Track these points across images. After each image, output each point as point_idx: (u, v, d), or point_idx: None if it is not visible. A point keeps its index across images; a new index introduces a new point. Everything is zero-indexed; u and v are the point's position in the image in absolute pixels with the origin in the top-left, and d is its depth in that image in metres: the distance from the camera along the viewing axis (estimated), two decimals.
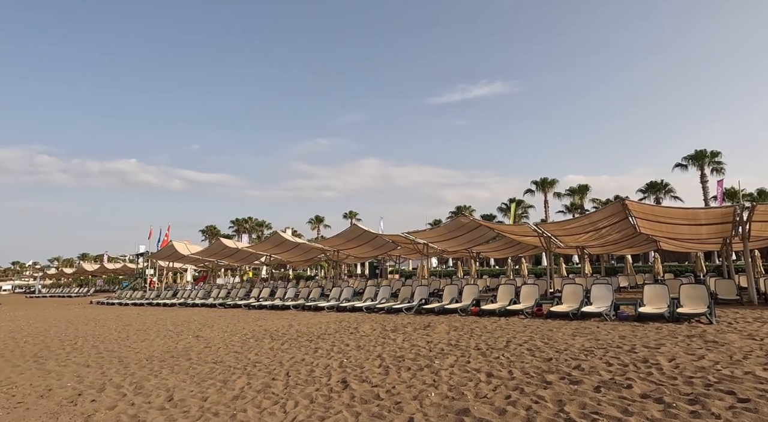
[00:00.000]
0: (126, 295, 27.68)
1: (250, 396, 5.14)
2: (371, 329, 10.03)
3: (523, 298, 12.56)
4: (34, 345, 10.14)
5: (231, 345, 8.85)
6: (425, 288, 14.88)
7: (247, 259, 29.51)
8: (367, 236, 20.93)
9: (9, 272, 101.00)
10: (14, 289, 66.26)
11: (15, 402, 5.46)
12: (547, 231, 15.77)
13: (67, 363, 7.76)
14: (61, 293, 42.37)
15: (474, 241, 20.54)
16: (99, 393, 5.64)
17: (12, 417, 4.90)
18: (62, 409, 5.07)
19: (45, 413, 4.97)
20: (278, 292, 19.52)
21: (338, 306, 14.98)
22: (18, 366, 7.81)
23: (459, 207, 53.82)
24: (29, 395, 5.77)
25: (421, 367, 6.05)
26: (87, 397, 5.49)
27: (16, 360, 8.34)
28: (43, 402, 5.42)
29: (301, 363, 6.80)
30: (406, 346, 7.69)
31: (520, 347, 7.11)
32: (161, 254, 29.92)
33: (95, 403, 5.23)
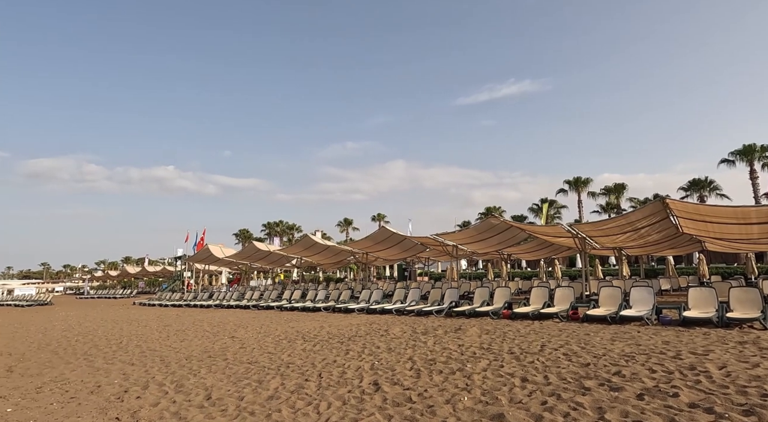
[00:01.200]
0: (165, 296, 28.84)
1: (285, 397, 5.24)
2: (401, 331, 10.02)
3: (557, 301, 12.21)
4: (84, 344, 10.73)
5: (265, 345, 9.06)
6: (455, 291, 14.72)
7: (278, 262, 30.12)
8: (395, 238, 20.94)
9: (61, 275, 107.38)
10: (65, 290, 70.32)
11: (68, 397, 5.80)
12: (582, 232, 15.28)
13: (114, 361, 8.17)
14: (107, 294, 44.61)
15: (505, 243, 20.16)
16: (143, 391, 5.91)
17: (66, 411, 5.21)
18: (110, 405, 5.35)
19: (95, 408, 5.25)
20: (309, 294, 19.82)
21: (368, 308, 15.05)
22: (70, 363, 8.29)
23: (488, 208, 52.97)
24: (80, 390, 6.11)
25: (453, 371, 5.99)
26: (132, 394, 5.77)
27: (68, 358, 8.86)
28: (93, 397, 5.73)
29: (332, 364, 6.88)
30: (437, 349, 7.63)
31: (555, 351, 6.91)
32: (197, 257, 31.00)
33: (140, 400, 5.48)
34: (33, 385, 6.61)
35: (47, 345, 10.94)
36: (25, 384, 6.75)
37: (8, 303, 36.88)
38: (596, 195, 46.74)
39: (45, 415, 5.10)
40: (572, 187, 47.41)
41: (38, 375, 7.38)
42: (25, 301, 36.65)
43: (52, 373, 7.43)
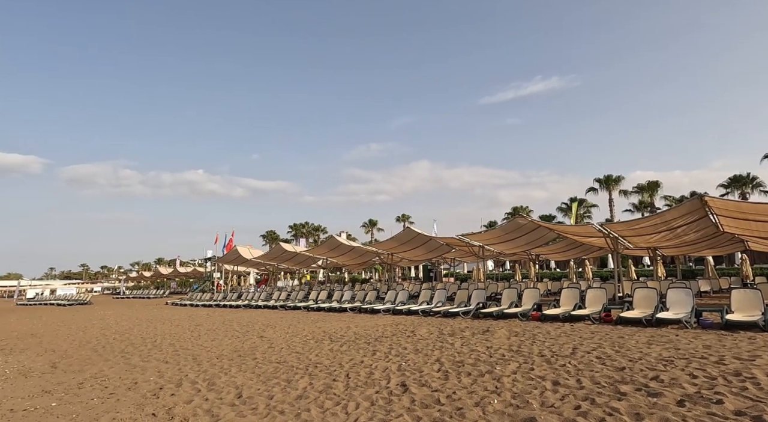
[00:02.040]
0: (196, 297, 29.69)
1: (313, 396, 5.28)
2: (428, 332, 9.95)
3: (588, 303, 11.85)
4: (121, 342, 11.16)
5: (293, 345, 9.17)
6: (482, 292, 14.51)
7: (304, 262, 30.53)
8: (420, 239, 20.83)
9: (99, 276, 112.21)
10: (103, 290, 73.48)
11: (108, 393, 6.03)
12: (614, 232, 14.78)
13: (149, 359, 8.46)
14: (142, 294, 46.33)
15: (533, 243, 19.73)
16: (177, 388, 6.08)
17: (106, 406, 5.42)
18: (147, 401, 5.53)
19: (133, 404, 5.44)
20: (335, 295, 19.98)
21: (394, 309, 15.03)
22: (108, 360, 8.63)
23: (515, 208, 52.04)
24: (119, 387, 6.35)
25: (482, 373, 5.90)
26: (167, 391, 5.94)
27: (107, 355, 9.23)
28: (130, 394, 5.94)
29: (360, 365, 6.89)
30: (465, 351, 7.53)
31: (588, 354, 6.70)
32: (226, 258, 31.79)
33: (174, 397, 5.64)
34: (75, 381, 6.92)
35: (87, 342, 11.44)
36: (68, 379, 7.07)
37: (51, 302, 38.83)
38: (628, 194, 45.20)
39: (86, 410, 5.32)
40: (603, 185, 45.99)
41: (80, 371, 7.72)
42: (67, 300, 38.51)
43: (93, 370, 7.75)
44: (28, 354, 10.10)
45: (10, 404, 5.76)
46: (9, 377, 7.54)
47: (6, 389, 6.63)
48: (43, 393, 6.27)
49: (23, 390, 6.52)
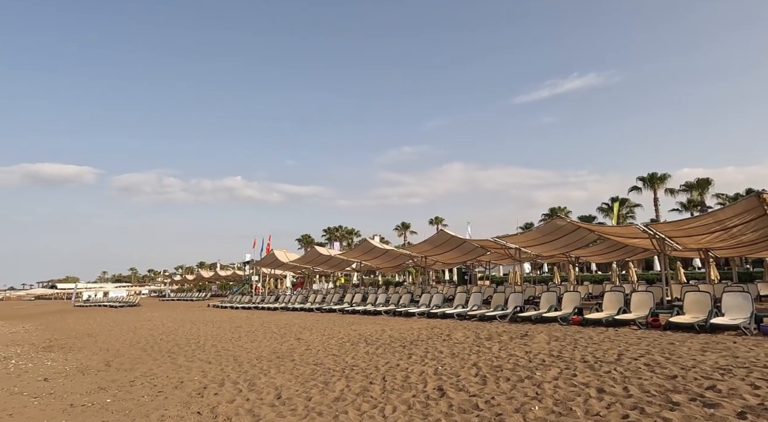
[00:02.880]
0: (236, 299, 30.66)
1: (350, 399, 5.32)
2: (464, 336, 9.81)
3: (634, 307, 11.29)
4: (167, 342, 11.69)
5: (329, 348, 9.29)
6: (519, 295, 14.15)
7: (339, 266, 30.89)
8: (454, 241, 20.60)
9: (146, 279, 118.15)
10: (150, 293, 77.32)
11: (156, 391, 6.34)
12: (661, 232, 14.03)
13: (194, 359, 8.81)
14: (185, 297, 48.37)
15: (572, 245, 19.05)
16: (220, 388, 6.30)
17: (155, 404, 5.70)
18: (192, 400, 5.76)
19: (179, 402, 5.68)
20: (369, 298, 20.07)
21: (428, 312, 14.92)
22: (157, 359, 9.06)
23: (553, 209, 50.47)
24: (166, 385, 6.65)
25: (521, 378, 5.74)
26: (211, 390, 6.17)
27: (155, 355, 9.70)
28: (177, 392, 6.21)
29: (396, 368, 6.89)
30: (503, 355, 7.36)
31: (635, 361, 6.38)
32: (264, 261, 32.67)
33: (217, 396, 5.84)
34: (127, 379, 7.31)
35: (137, 342, 12.06)
36: (121, 377, 7.48)
37: (104, 304, 41.25)
38: (676, 192, 42.80)
39: (138, 407, 5.60)
40: (647, 184, 43.80)
41: (131, 369, 8.15)
42: (118, 302, 40.78)
43: (142, 368, 8.16)
44: (85, 352, 10.78)
45: (71, 399, 6.16)
46: (69, 374, 8.07)
47: (66, 385, 7.10)
48: (99, 389, 6.67)
49: (81, 386, 6.96)
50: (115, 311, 30.11)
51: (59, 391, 6.68)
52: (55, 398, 6.29)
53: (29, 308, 46.12)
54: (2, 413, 5.66)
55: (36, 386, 7.14)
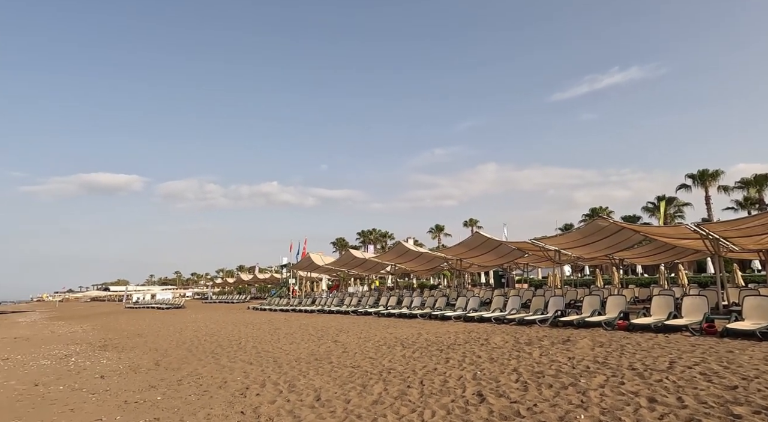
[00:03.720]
0: (274, 302, 31.43)
1: (389, 402, 5.32)
2: (503, 341, 9.58)
3: (686, 312, 10.64)
4: (211, 343, 12.14)
5: (366, 350, 9.33)
6: (560, 298, 13.68)
7: (373, 269, 31.01)
8: (490, 243, 20.19)
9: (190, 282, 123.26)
10: (194, 295, 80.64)
11: (202, 390, 6.59)
12: (714, 232, 13.16)
13: (236, 360, 9.10)
14: (226, 299, 50.10)
15: (615, 246, 18.20)
16: (261, 388, 6.47)
17: (201, 402, 5.92)
18: (235, 399, 5.95)
19: (224, 401, 5.88)
20: (405, 301, 20.02)
21: (465, 316, 14.70)
22: (201, 360, 9.43)
23: (593, 209, 48.47)
24: (211, 385, 6.91)
25: (565, 385, 5.54)
26: (253, 391, 6.35)
27: (200, 355, 10.09)
28: (221, 392, 6.44)
29: (433, 372, 6.82)
30: (545, 361, 7.14)
31: (689, 370, 6.00)
32: (300, 264, 33.32)
33: (259, 397, 6.00)
34: (175, 378, 7.65)
35: (183, 343, 12.59)
36: (169, 376, 7.84)
37: (152, 306, 43.40)
38: (730, 189, 40.03)
39: (185, 405, 5.85)
40: (697, 181, 41.23)
41: (178, 369, 8.52)
42: (164, 304, 42.79)
43: (188, 368, 8.52)
44: (136, 351, 11.37)
45: (124, 396, 6.52)
46: (122, 372, 8.54)
47: (120, 382, 7.52)
48: (149, 387, 7.01)
49: (133, 384, 7.35)
50: (162, 313, 31.60)
51: (114, 388, 7.08)
52: (111, 395, 6.68)
53: (85, 309, 49.27)
54: (65, 408, 6.07)
55: (93, 383, 7.60)
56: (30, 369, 9.52)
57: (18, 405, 6.38)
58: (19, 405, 6.38)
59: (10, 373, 9.03)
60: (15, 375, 8.73)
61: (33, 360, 10.85)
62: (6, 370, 9.43)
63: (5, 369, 9.64)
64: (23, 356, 11.64)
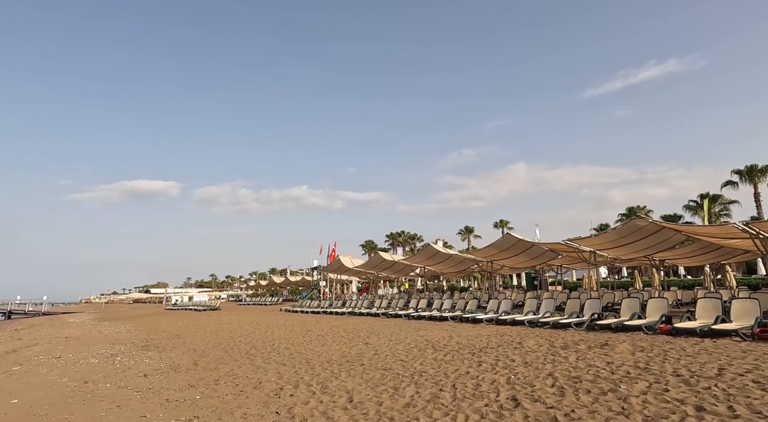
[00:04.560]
0: (305, 304, 31.92)
1: (421, 405, 5.30)
2: (537, 344, 9.35)
3: (735, 315, 10.04)
4: (246, 344, 12.46)
5: (397, 353, 9.33)
6: (597, 301, 13.21)
7: (403, 271, 30.97)
8: (522, 245, 19.77)
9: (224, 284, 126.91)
10: (228, 298, 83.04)
11: (238, 390, 6.78)
12: (765, 231, 12.39)
13: (270, 361, 9.30)
14: (259, 301, 51.29)
15: (655, 247, 17.43)
16: (295, 389, 6.58)
17: (238, 402, 6.10)
18: (270, 400, 6.08)
19: (259, 401, 6.03)
20: (435, 303, 19.88)
21: (497, 319, 14.45)
22: (237, 360, 9.70)
23: (630, 208, 46.58)
24: (247, 385, 7.09)
25: (604, 391, 5.35)
26: (287, 391, 6.47)
27: (235, 356, 10.38)
28: (256, 392, 6.60)
29: (465, 375, 6.74)
30: (582, 366, 6.91)
31: (740, 377, 5.66)
32: (330, 267, 33.71)
33: (293, 398, 6.11)
34: (212, 378, 7.90)
35: (219, 344, 12.99)
36: (207, 376, 8.10)
37: (189, 308, 45.02)
38: None
39: (223, 404, 6.03)
40: (744, 178, 38.89)
41: (215, 369, 8.80)
42: (201, 306, 44.29)
43: (225, 368, 8.78)
44: (176, 351, 11.82)
45: (166, 394, 6.79)
46: (164, 371, 8.90)
47: (162, 381, 7.84)
48: (189, 386, 7.28)
49: (174, 383, 7.65)
50: (198, 315, 32.70)
51: (156, 386, 7.39)
52: (153, 392, 6.97)
53: (128, 310, 51.67)
54: (112, 405, 6.39)
55: (137, 381, 7.97)
56: (80, 367, 10.08)
57: (70, 401, 6.77)
58: (71, 401, 6.77)
59: (63, 371, 9.59)
60: (67, 373, 9.26)
61: (83, 358, 11.48)
62: (59, 368, 10.02)
63: (58, 366, 10.24)
64: (74, 354, 12.33)
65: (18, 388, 7.91)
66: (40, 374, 9.34)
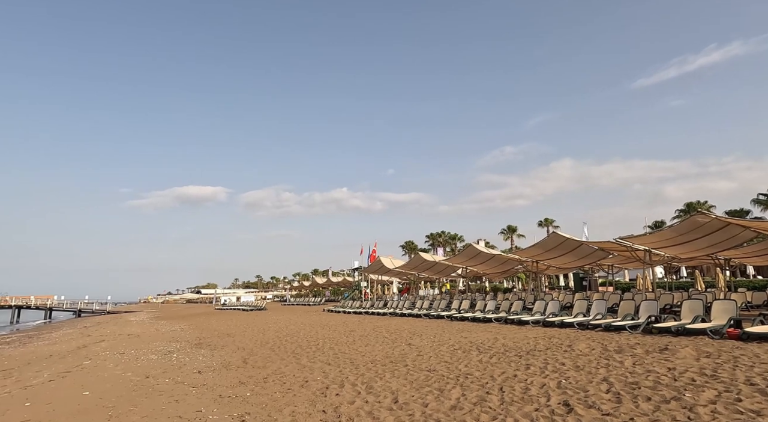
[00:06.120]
0: (347, 304, 32.33)
1: (468, 408, 5.20)
2: (589, 348, 8.92)
3: None
4: (291, 344, 12.78)
5: (440, 354, 9.22)
6: (653, 303, 12.42)
7: (444, 272, 30.65)
8: (569, 244, 18.99)
9: (269, 285, 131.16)
10: (273, 298, 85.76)
11: (286, 389, 6.95)
12: None
13: (315, 361, 9.48)
14: (303, 302, 52.56)
15: (719, 245, 16.16)
16: (340, 389, 6.66)
17: (286, 400, 6.25)
18: (317, 398, 6.19)
19: (306, 400, 6.15)
20: (478, 304, 19.50)
21: (544, 321, 13.94)
22: (284, 359, 9.96)
23: (689, 204, 43.58)
24: (294, 384, 7.26)
25: (666, 399, 5.00)
26: (332, 391, 6.56)
27: (282, 355, 10.67)
28: (303, 390, 6.73)
29: (513, 378, 6.54)
30: (639, 371, 6.51)
31: None
32: (371, 268, 33.96)
33: (339, 397, 6.18)
34: (261, 375, 8.16)
35: (266, 343, 13.41)
36: (256, 374, 8.38)
37: (237, 308, 46.88)
38: None
39: (272, 401, 6.21)
40: None
41: (263, 367, 9.08)
42: (248, 306, 46.00)
43: (272, 367, 9.04)
44: (227, 350, 12.33)
45: (219, 391, 7.09)
46: (216, 368, 9.30)
47: (215, 378, 8.20)
48: (239, 383, 7.55)
49: (225, 379, 7.97)
50: (246, 314, 33.96)
51: (210, 383, 7.73)
52: (207, 389, 7.30)
53: (182, 310, 54.57)
54: (171, 399, 6.75)
55: (192, 377, 8.37)
56: (142, 362, 10.74)
57: (134, 394, 7.22)
58: (135, 394, 7.22)
59: (127, 366, 10.27)
60: (131, 368, 9.90)
61: (143, 354, 12.24)
62: (123, 363, 10.74)
63: (123, 362, 10.98)
64: (135, 351, 13.17)
65: (89, 381, 8.55)
66: (107, 368, 10.04)
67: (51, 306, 60.92)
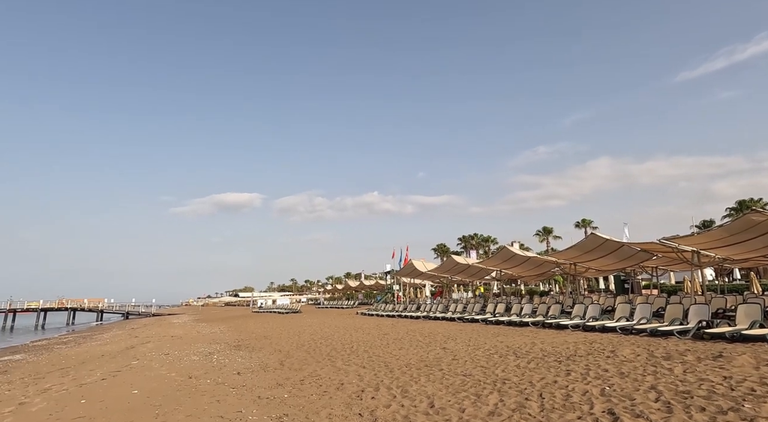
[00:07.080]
0: (380, 307, 32.39)
1: (506, 414, 5.07)
2: (633, 354, 8.51)
3: None
4: (326, 346, 12.93)
5: (476, 359, 9.06)
6: (704, 307, 11.71)
7: (477, 274, 30.16)
8: (609, 245, 18.23)
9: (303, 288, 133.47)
10: (308, 301, 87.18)
11: (322, 391, 7.03)
12: None
13: (350, 363, 9.54)
14: (336, 304, 53.11)
15: None
16: (376, 392, 6.67)
17: (322, 402, 6.32)
18: (353, 401, 6.22)
19: (342, 402, 6.20)
20: (514, 308, 19.04)
21: (584, 325, 13.43)
22: (319, 362, 10.09)
23: (741, 202, 40.90)
24: (330, 386, 7.33)
25: (723, 410, 4.69)
26: (368, 394, 6.57)
27: (317, 357, 10.81)
28: (339, 393, 6.79)
29: (553, 385, 6.33)
30: (691, 379, 6.14)
31: None
32: (403, 271, 33.88)
33: (374, 400, 6.19)
34: (297, 378, 8.29)
35: (302, 345, 13.63)
36: (292, 376, 8.53)
37: (274, 310, 47.96)
38: None
39: (308, 403, 6.29)
40: None
41: (299, 369, 9.23)
42: (284, 309, 46.98)
43: (308, 369, 9.17)
44: (264, 352, 12.62)
45: (258, 392, 7.26)
46: (254, 369, 9.54)
47: (254, 379, 8.41)
48: (277, 385, 7.71)
49: (264, 381, 8.16)
50: (282, 317, 34.69)
51: (249, 384, 7.93)
52: (247, 389, 7.49)
53: (221, 313, 56.44)
54: (212, 399, 6.98)
55: (232, 378, 8.62)
56: (185, 363, 11.18)
57: (178, 393, 7.52)
58: (179, 394, 7.52)
59: (171, 366, 10.71)
60: (175, 368, 10.33)
61: (186, 355, 12.73)
62: (168, 364, 11.21)
63: (167, 362, 11.46)
64: (179, 352, 13.72)
65: (137, 380, 8.98)
66: (153, 368, 10.52)
67: (102, 309, 64.55)
